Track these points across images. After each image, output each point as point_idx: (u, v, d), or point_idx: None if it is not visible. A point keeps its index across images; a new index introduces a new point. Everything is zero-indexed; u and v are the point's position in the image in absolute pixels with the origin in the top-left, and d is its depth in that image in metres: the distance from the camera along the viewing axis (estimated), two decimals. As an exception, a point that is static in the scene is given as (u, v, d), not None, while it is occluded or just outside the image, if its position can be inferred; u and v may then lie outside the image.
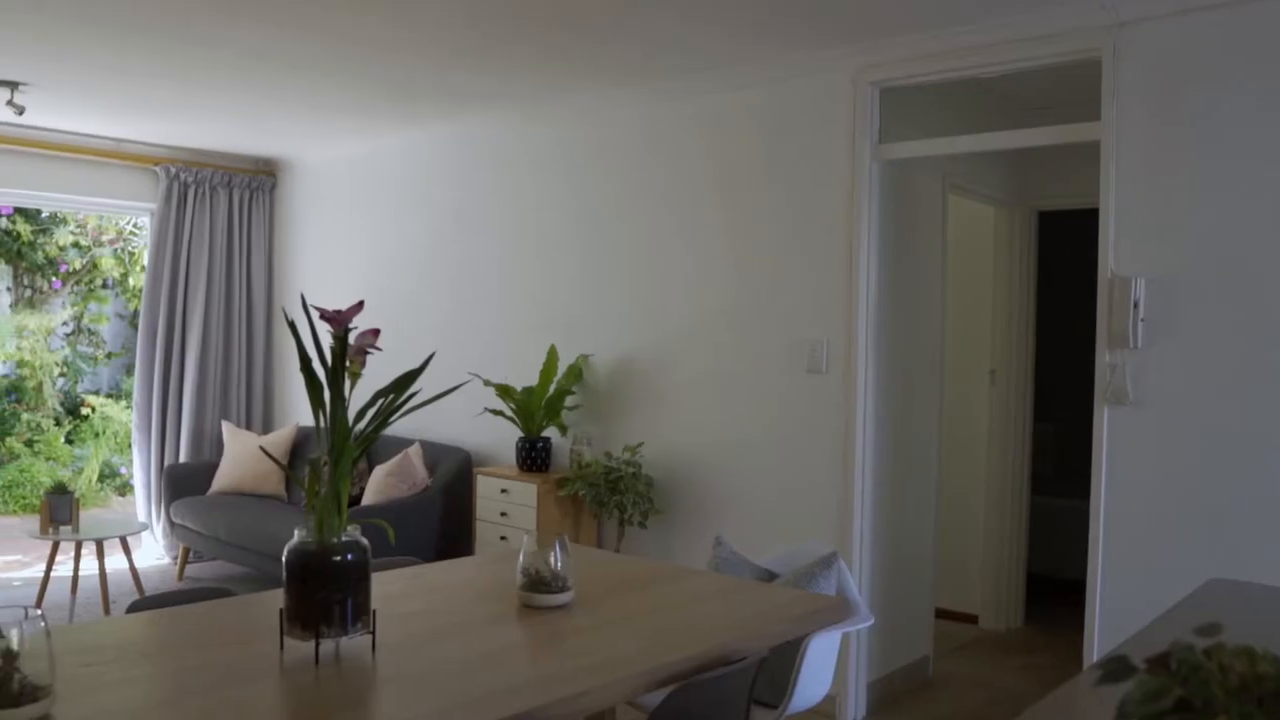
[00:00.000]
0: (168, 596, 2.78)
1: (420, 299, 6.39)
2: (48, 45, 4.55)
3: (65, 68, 4.96)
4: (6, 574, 6.91)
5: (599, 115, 5.37)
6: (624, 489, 4.84)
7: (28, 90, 5.40)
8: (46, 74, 5.10)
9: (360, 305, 2.07)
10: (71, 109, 5.93)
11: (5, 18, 4.16)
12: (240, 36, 4.33)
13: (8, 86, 5.31)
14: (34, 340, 10.27)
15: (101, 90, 5.44)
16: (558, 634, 2.40)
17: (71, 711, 1.81)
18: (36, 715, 1.75)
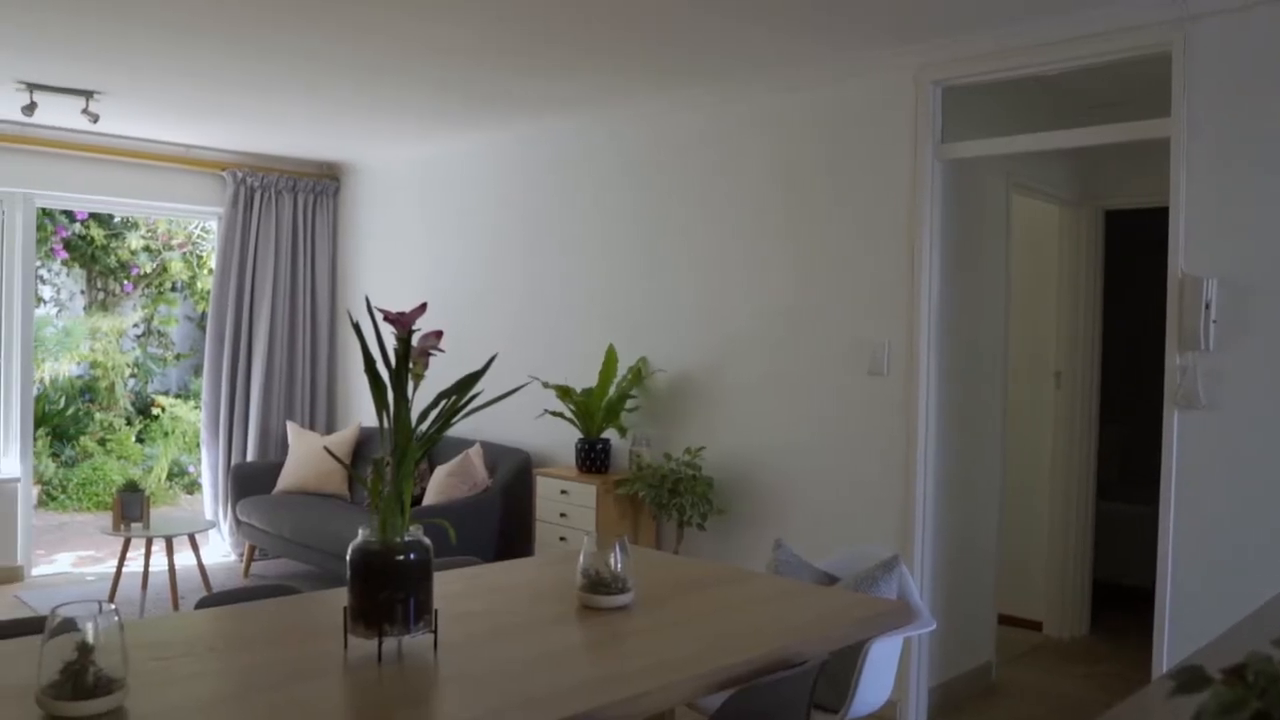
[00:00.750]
0: (235, 593, 2.83)
1: (482, 301, 6.44)
2: (121, 54, 4.67)
3: (137, 76, 5.08)
4: (80, 569, 7.09)
5: (659, 118, 5.38)
6: (684, 490, 4.84)
7: (102, 99, 5.54)
8: (119, 82, 5.23)
9: (424, 307, 2.09)
10: (143, 116, 6.07)
11: (82, 29, 4.28)
12: (306, 42, 4.40)
13: (83, 95, 5.46)
14: (106, 342, 10.53)
15: (171, 97, 5.57)
16: (617, 635, 2.40)
17: (143, 704, 1.85)
18: (110, 707, 1.79)
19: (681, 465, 4.95)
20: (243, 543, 6.90)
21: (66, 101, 5.52)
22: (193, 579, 6.20)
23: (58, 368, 10.11)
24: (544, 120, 5.83)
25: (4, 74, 5.10)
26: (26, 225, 6.66)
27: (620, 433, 5.42)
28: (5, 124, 6.18)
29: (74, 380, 10.42)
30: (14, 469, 6.62)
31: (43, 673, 1.78)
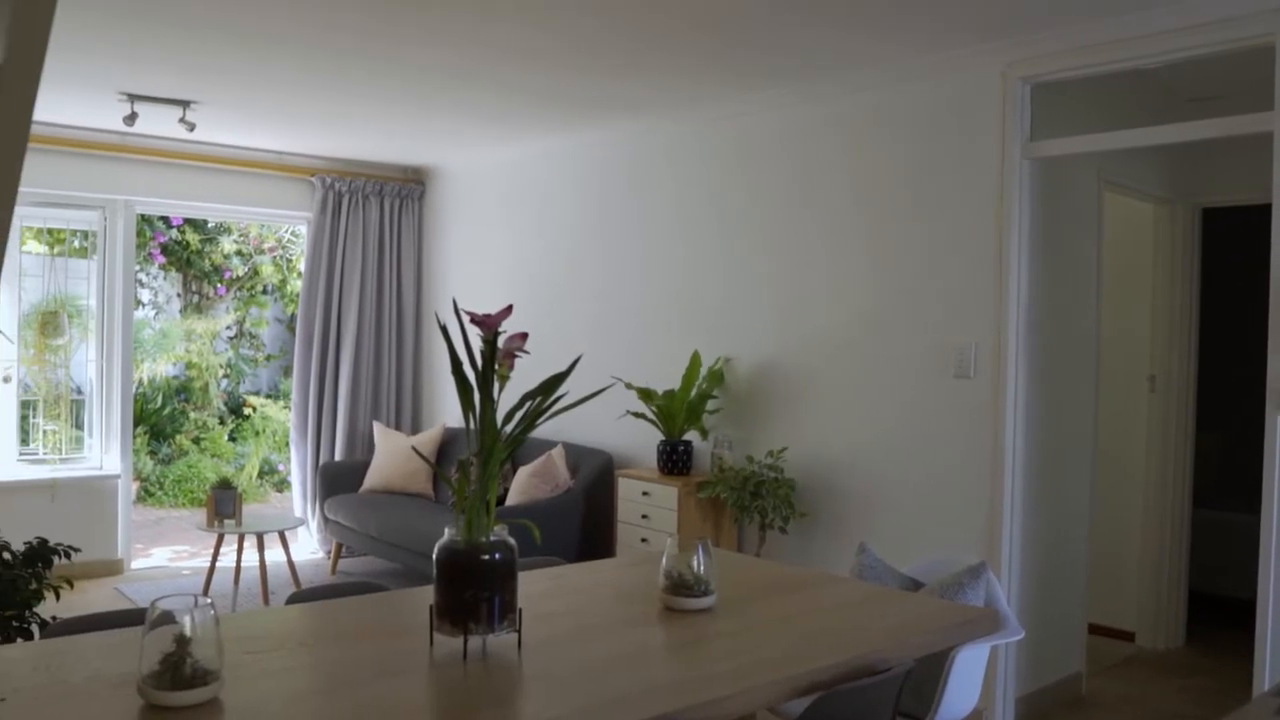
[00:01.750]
0: (323, 590, 2.89)
1: (565, 303, 6.49)
2: (216, 64, 4.80)
3: (231, 85, 5.22)
4: (176, 563, 7.31)
5: (739, 119, 5.36)
6: (765, 493, 4.81)
7: (197, 108, 5.71)
8: (214, 91, 5.38)
9: (509, 309, 2.11)
10: (236, 124, 6.24)
11: (180, 41, 4.41)
12: (393, 48, 4.48)
13: (180, 105, 5.63)
14: (201, 343, 10.84)
15: (263, 105, 5.71)
16: (700, 637, 2.40)
17: (237, 696, 1.90)
18: (206, 698, 1.84)
19: (763, 467, 4.93)
20: (330, 540, 7.04)
21: (164, 111, 5.70)
22: (282, 575, 6.35)
23: (155, 368, 10.44)
24: (625, 122, 5.85)
25: (107, 86, 5.29)
26: (127, 231, 6.89)
27: (702, 434, 5.41)
28: (108, 134, 6.40)
29: (170, 380, 10.74)
30: (115, 466, 6.85)
31: (143, 663, 1.83)
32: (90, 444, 6.95)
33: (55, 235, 7.62)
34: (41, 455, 6.93)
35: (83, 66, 4.86)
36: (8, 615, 3.45)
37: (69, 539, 3.93)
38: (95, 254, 6.91)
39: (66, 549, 3.76)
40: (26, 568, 3.56)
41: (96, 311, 6.90)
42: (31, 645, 2.51)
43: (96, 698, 1.90)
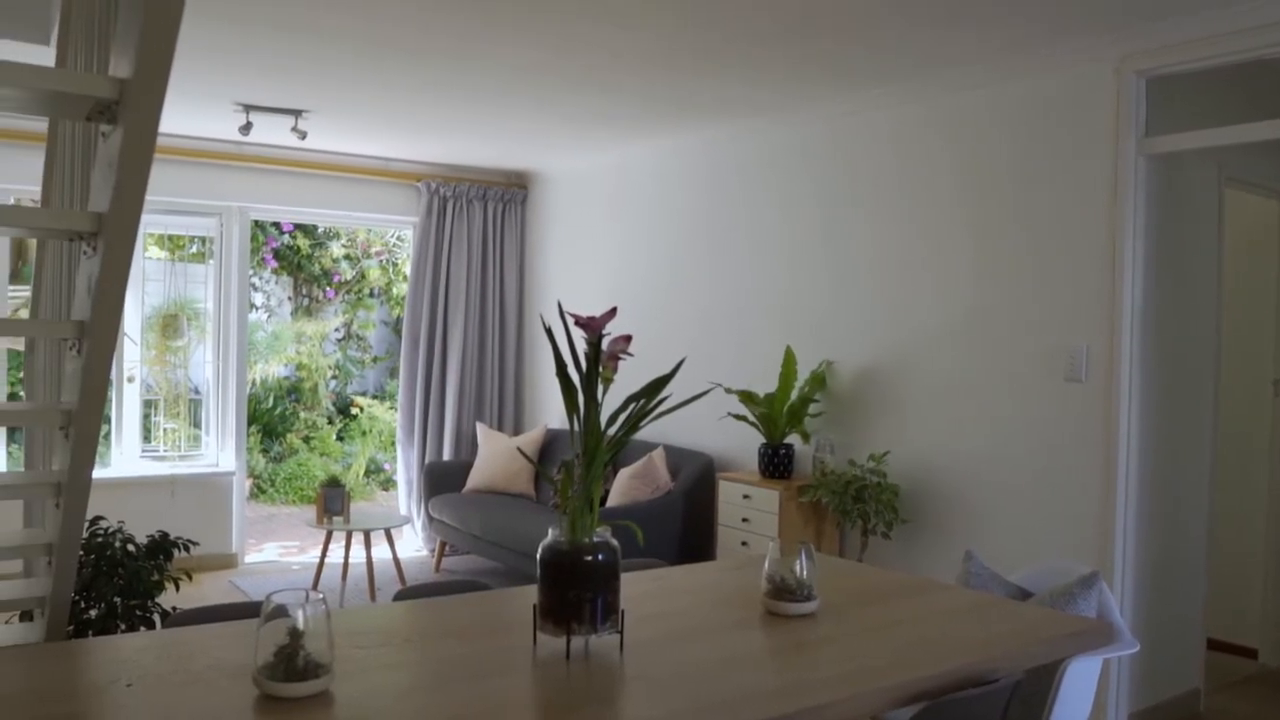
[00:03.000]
0: (429, 587, 2.94)
1: (666, 305, 6.50)
2: (326, 74, 4.94)
3: (340, 94, 5.36)
4: (286, 558, 7.52)
5: (841, 119, 5.30)
6: (868, 498, 4.75)
7: (309, 117, 5.88)
8: (325, 101, 5.54)
9: (614, 312, 2.12)
10: (345, 132, 6.40)
11: (293, 52, 4.55)
12: (499, 52, 4.54)
13: (292, 114, 5.81)
14: (310, 345, 11.15)
15: (371, 113, 5.85)
16: (803, 643, 2.37)
17: (346, 689, 1.94)
18: (318, 690, 1.89)
19: (866, 471, 4.87)
20: (434, 538, 7.17)
21: (278, 120, 5.89)
22: (388, 571, 6.49)
23: (267, 369, 10.78)
24: (725, 124, 5.84)
25: (224, 97, 5.48)
26: (242, 237, 7.13)
27: (803, 438, 5.37)
28: (224, 143, 6.63)
29: (281, 381, 11.07)
30: (230, 463, 7.08)
31: (258, 654, 1.89)
32: (207, 442, 7.20)
33: (175, 241, 7.92)
34: (162, 452, 7.21)
35: (201, 79, 5.04)
36: (132, 604, 3.59)
37: (187, 533, 4.07)
38: (212, 259, 7.16)
39: (186, 542, 3.90)
40: (149, 560, 3.70)
41: (213, 314, 7.15)
42: (154, 634, 2.61)
43: (215, 686, 1.96)
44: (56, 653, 2.36)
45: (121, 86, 1.89)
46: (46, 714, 1.83)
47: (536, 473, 6.93)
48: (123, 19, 1.94)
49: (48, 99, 2.08)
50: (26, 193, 6.13)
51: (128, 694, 1.92)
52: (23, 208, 5.01)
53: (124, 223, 2.03)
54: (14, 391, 6.80)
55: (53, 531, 2.73)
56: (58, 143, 3.08)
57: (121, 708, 1.87)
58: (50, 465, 2.92)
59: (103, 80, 1.92)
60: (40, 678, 2.06)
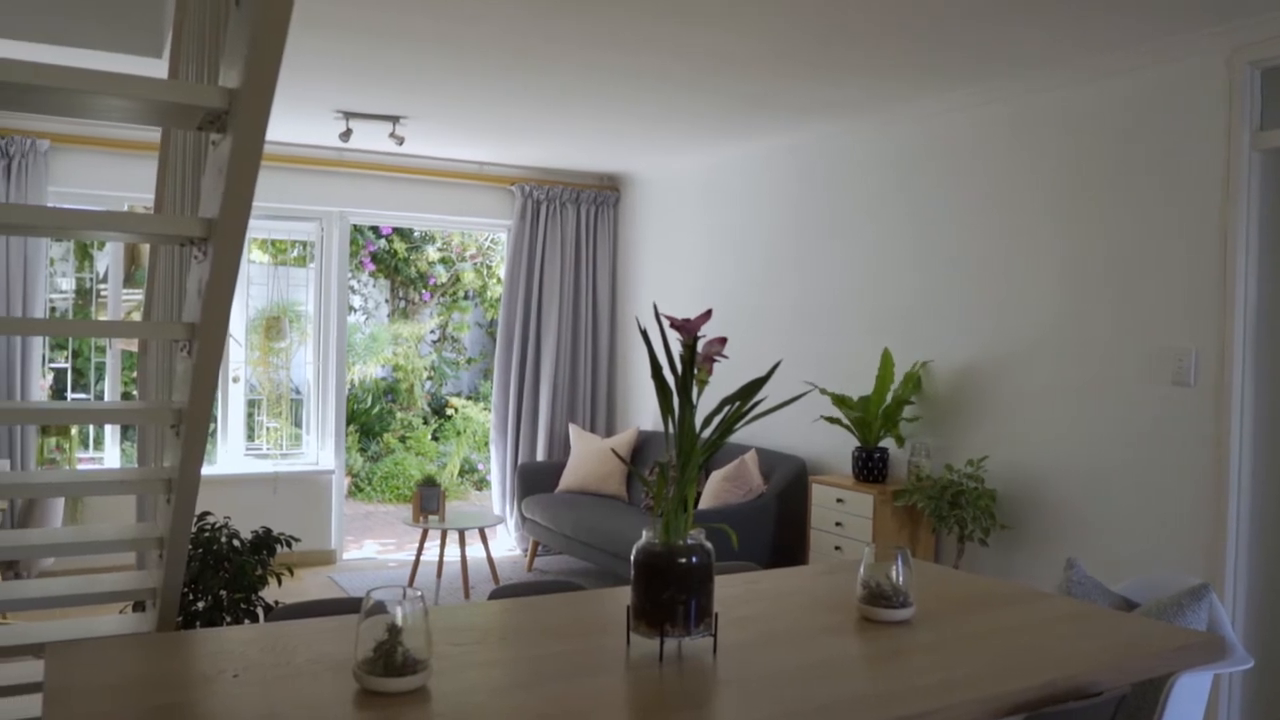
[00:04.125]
0: (523, 586, 2.97)
1: (757, 306, 6.47)
2: (424, 80, 5.03)
3: (437, 100, 5.46)
4: (382, 555, 7.67)
5: (933, 118, 5.22)
6: (965, 503, 4.66)
7: (406, 123, 6.00)
8: (422, 107, 5.64)
9: (709, 314, 2.12)
10: (441, 137, 6.51)
11: (391, 59, 4.64)
12: (591, 57, 4.57)
13: (390, 120, 5.93)
14: (406, 347, 11.38)
15: (466, 118, 5.94)
16: (898, 650, 2.34)
17: (443, 685, 1.97)
18: (416, 685, 1.92)
19: (963, 476, 4.78)
20: (527, 538, 7.24)
21: (376, 127, 6.02)
22: (481, 570, 6.57)
23: (365, 370, 11.02)
24: (817, 125, 5.79)
25: (325, 104, 5.62)
26: (342, 241, 7.30)
27: (898, 442, 5.29)
28: (325, 150, 6.80)
29: (379, 382, 11.31)
30: (329, 462, 7.25)
31: (358, 649, 1.93)
32: (307, 441, 7.39)
33: (277, 246, 8.16)
34: (265, 451, 7.42)
35: (303, 88, 5.18)
36: (237, 598, 3.70)
37: (289, 529, 4.18)
38: (313, 262, 7.35)
39: (288, 538, 4.00)
40: (253, 554, 3.81)
41: (314, 317, 7.33)
42: (259, 627, 2.69)
43: (317, 679, 2.01)
44: (167, 643, 2.44)
45: (231, 96, 1.95)
46: (159, 702, 1.90)
47: (628, 474, 6.96)
48: (232, 32, 2.00)
49: (162, 109, 2.16)
50: (139, 200, 6.37)
51: (234, 684, 1.98)
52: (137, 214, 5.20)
53: (233, 228, 2.10)
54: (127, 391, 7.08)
55: (164, 526, 2.83)
56: (170, 152, 3.20)
57: (229, 697, 1.93)
58: (162, 462, 3.02)
59: (213, 90, 1.99)
60: (152, 667, 2.13)
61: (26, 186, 6.05)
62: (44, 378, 6.74)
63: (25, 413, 4.67)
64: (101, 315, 7.63)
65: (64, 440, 7.49)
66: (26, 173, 6.05)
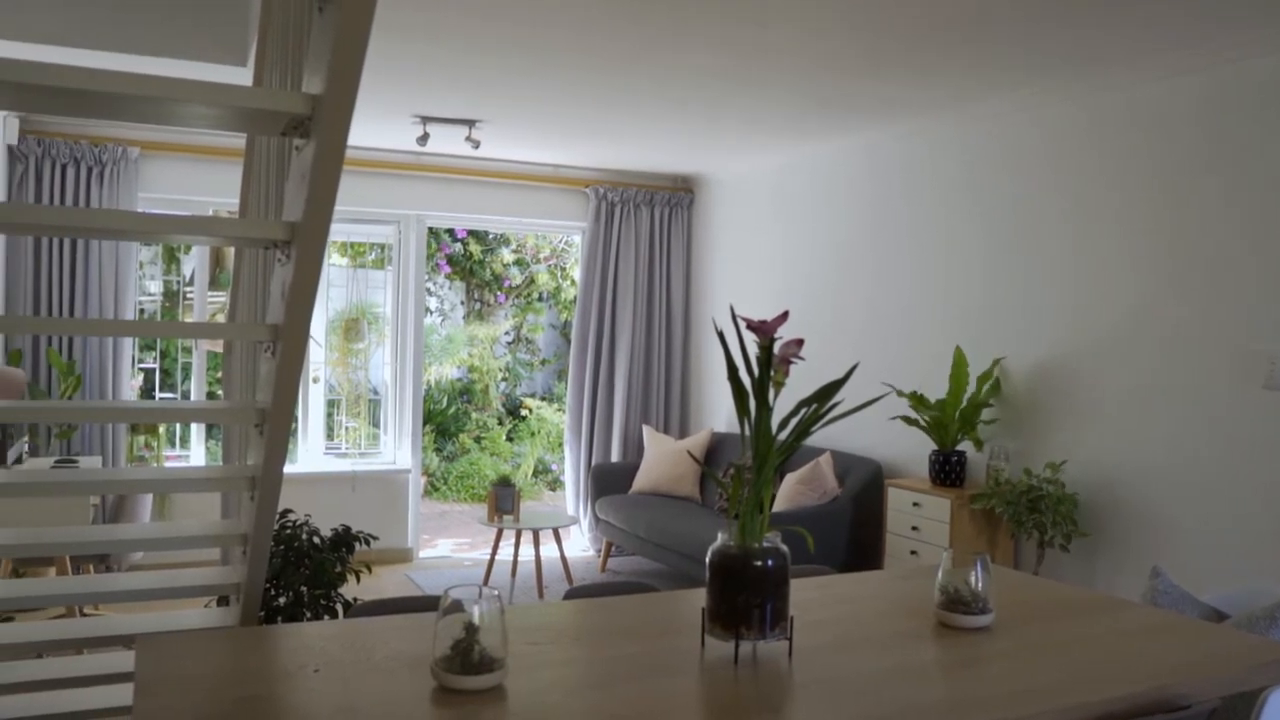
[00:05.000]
0: (598, 587, 2.98)
1: (832, 307, 6.42)
2: (499, 84, 5.08)
3: (513, 104, 5.51)
4: (458, 554, 7.76)
5: (1010, 116, 5.13)
6: (1044, 508, 4.57)
7: (482, 126, 6.06)
8: (497, 110, 5.70)
9: (785, 315, 2.11)
10: (516, 140, 6.57)
11: (467, 63, 4.70)
12: (665, 59, 4.58)
13: (466, 124, 6.00)
14: (482, 348, 11.50)
15: (542, 121, 5.99)
16: (977, 657, 2.30)
17: (519, 683, 1.99)
18: (493, 684, 1.94)
19: (1042, 481, 4.68)
20: (600, 539, 7.27)
21: (453, 131, 6.10)
22: (554, 570, 6.61)
23: (441, 371, 11.16)
24: (889, 124, 5.73)
25: (403, 109, 5.71)
26: (419, 244, 7.40)
27: (976, 445, 5.21)
28: (403, 154, 6.91)
29: (454, 383, 11.44)
30: (406, 461, 7.36)
31: (436, 647, 1.96)
32: (385, 440, 7.51)
33: (356, 248, 8.30)
34: (343, 450, 7.56)
35: (382, 93, 5.27)
36: (316, 594, 3.77)
37: (366, 527, 4.24)
38: (390, 265, 7.46)
39: (367, 536, 4.07)
40: (333, 552, 3.88)
41: (391, 318, 7.45)
42: (339, 623, 2.73)
43: (395, 676, 2.04)
44: (250, 637, 2.50)
45: (314, 102, 1.99)
46: (243, 694, 1.95)
47: (702, 475, 6.95)
48: (315, 39, 2.04)
49: (248, 116, 2.21)
50: (224, 205, 6.54)
51: (315, 679, 2.01)
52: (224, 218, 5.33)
53: (315, 231, 2.14)
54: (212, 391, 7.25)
55: (248, 522, 2.90)
56: (254, 157, 3.27)
57: (310, 691, 1.97)
58: (246, 460, 3.10)
59: (298, 97, 2.03)
60: (236, 660, 2.18)
61: (118, 192, 6.24)
62: (134, 378, 6.95)
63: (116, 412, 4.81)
64: (187, 317, 7.83)
65: (152, 439, 7.70)
66: (118, 179, 6.24)
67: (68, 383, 5.84)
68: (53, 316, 6.16)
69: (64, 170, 6.16)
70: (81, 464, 5.37)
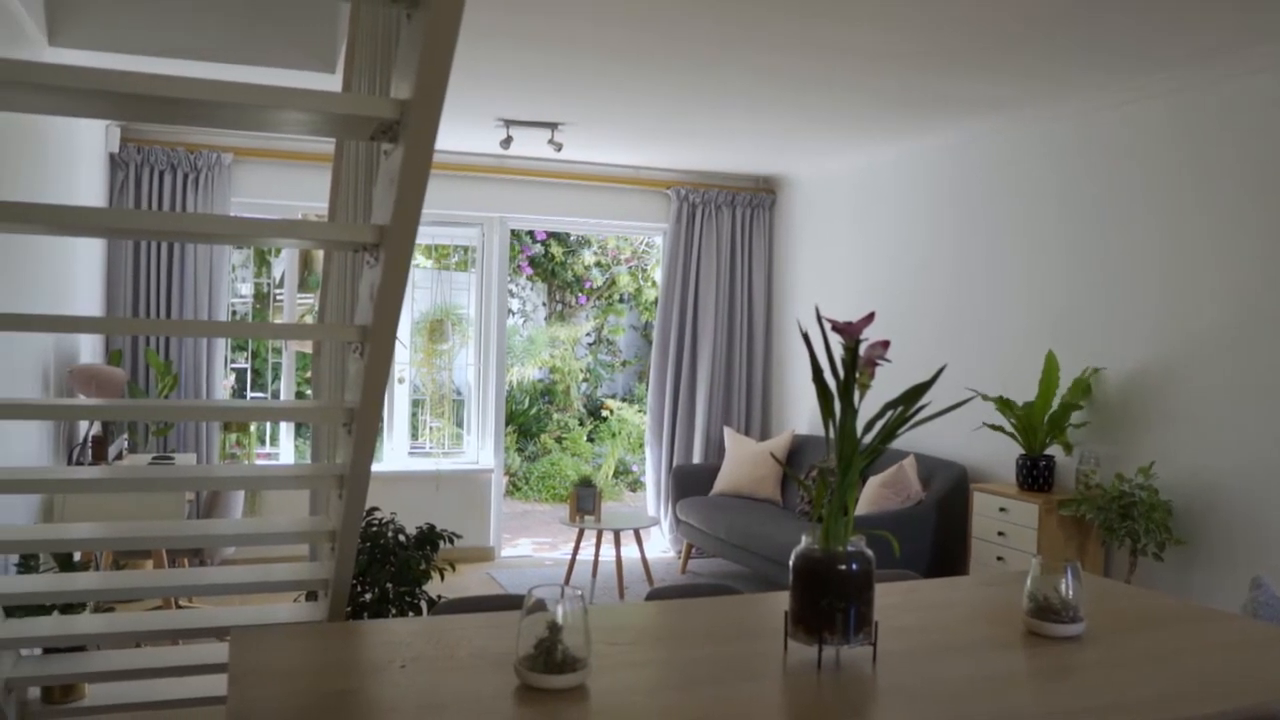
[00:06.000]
0: (679, 589, 2.98)
1: (915, 308, 6.33)
2: (583, 87, 5.11)
3: (595, 106, 5.54)
4: (539, 554, 7.82)
5: (1097, 113, 5.00)
6: (1137, 515, 4.44)
7: (564, 129, 6.10)
8: (580, 113, 5.73)
9: (871, 317, 2.09)
10: (598, 142, 6.61)
11: (551, 68, 4.74)
12: (747, 58, 4.56)
13: (549, 127, 6.05)
14: (563, 349, 11.57)
15: (623, 123, 6.01)
16: (1067, 668, 2.25)
17: (601, 683, 2.00)
18: (575, 683, 1.95)
19: (1134, 487, 4.56)
20: (681, 540, 7.27)
21: (535, 134, 6.15)
22: (635, 571, 6.63)
23: (523, 372, 11.25)
24: (974, 122, 5.62)
25: (487, 113, 5.78)
26: (501, 246, 7.48)
27: (1065, 449, 5.09)
28: (486, 157, 6.99)
29: (536, 383, 11.53)
30: (489, 461, 7.44)
31: (520, 645, 1.97)
32: (468, 440, 7.60)
33: (440, 251, 8.42)
34: (428, 449, 7.67)
35: (467, 97, 5.33)
36: (402, 591, 3.83)
37: (449, 526, 4.29)
38: (474, 267, 7.55)
39: (450, 535, 4.12)
40: (418, 549, 3.94)
41: (474, 319, 7.54)
42: (424, 620, 2.78)
43: (479, 673, 2.06)
44: (338, 632, 2.55)
45: (403, 107, 2.02)
46: (333, 688, 1.99)
47: (783, 478, 6.91)
48: (403, 45, 2.07)
49: (338, 121, 2.26)
50: (311, 208, 6.69)
51: (401, 675, 2.05)
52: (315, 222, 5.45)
53: (403, 234, 2.18)
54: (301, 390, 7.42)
55: (336, 519, 2.96)
56: (343, 162, 3.34)
57: (396, 687, 2.00)
58: (334, 459, 3.16)
59: (387, 102, 2.07)
60: (326, 654, 2.23)
61: (212, 197, 6.42)
62: (226, 378, 7.14)
63: (211, 410, 4.97)
64: (277, 318, 8.03)
65: (244, 437, 7.91)
66: (212, 184, 6.42)
67: (165, 382, 6.03)
68: (150, 318, 6.36)
69: (161, 176, 6.36)
70: (177, 461, 5.54)
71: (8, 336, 3.90)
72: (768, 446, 7.13)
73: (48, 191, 4.64)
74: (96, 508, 4.59)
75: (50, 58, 4.28)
